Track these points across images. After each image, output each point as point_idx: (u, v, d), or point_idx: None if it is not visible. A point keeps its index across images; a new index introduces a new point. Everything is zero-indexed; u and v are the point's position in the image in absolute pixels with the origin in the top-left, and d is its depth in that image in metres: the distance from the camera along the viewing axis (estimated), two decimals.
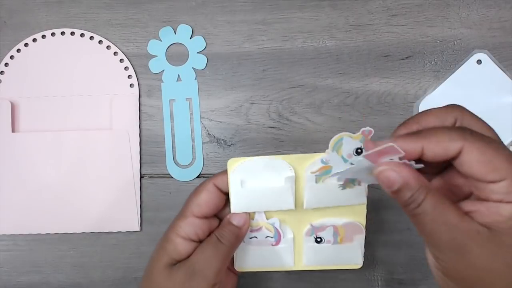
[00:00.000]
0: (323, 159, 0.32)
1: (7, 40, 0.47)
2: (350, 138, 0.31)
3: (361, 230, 0.36)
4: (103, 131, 0.46)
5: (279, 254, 0.36)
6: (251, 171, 0.34)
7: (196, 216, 0.33)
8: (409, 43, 0.46)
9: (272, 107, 0.46)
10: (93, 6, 0.47)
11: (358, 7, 0.46)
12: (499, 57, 0.46)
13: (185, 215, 0.33)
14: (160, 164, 0.46)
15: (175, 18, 0.47)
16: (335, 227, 0.35)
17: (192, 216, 0.33)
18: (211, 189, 0.33)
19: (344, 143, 0.31)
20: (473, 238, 0.24)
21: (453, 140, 0.24)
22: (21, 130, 0.46)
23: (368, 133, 0.31)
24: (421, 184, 0.25)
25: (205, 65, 0.47)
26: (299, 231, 0.36)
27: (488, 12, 0.46)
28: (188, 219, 0.33)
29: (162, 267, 0.32)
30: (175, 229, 0.33)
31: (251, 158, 0.33)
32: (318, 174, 0.33)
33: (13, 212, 0.45)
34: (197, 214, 0.33)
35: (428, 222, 0.25)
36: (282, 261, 0.36)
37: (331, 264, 0.36)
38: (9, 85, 0.46)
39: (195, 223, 0.33)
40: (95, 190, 0.45)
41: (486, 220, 0.24)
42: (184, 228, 0.33)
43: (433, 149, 0.25)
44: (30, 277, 0.46)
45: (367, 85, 0.46)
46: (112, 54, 0.47)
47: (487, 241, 0.24)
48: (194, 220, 0.33)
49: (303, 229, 0.36)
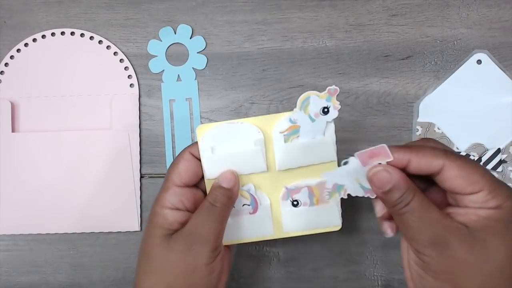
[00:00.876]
0: (291, 118, 0.33)
1: (7, 40, 0.47)
2: (317, 96, 0.33)
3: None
4: (103, 131, 0.46)
5: (258, 223, 0.36)
6: (220, 136, 0.34)
7: (178, 185, 0.33)
8: (409, 43, 0.46)
9: (272, 107, 0.46)
10: (93, 6, 0.47)
11: (358, 7, 0.46)
12: (499, 57, 0.46)
13: (167, 186, 0.33)
14: (160, 164, 0.46)
15: (175, 18, 0.47)
16: (310, 188, 0.35)
17: (174, 186, 0.33)
18: (188, 157, 0.33)
19: (311, 102, 0.33)
20: (454, 234, 0.27)
21: (437, 157, 0.28)
22: (21, 130, 0.46)
23: (334, 91, 0.33)
24: (409, 186, 0.28)
25: (205, 65, 0.47)
26: (275, 197, 0.36)
27: (488, 12, 0.46)
28: (171, 189, 0.33)
29: (158, 240, 0.32)
30: (161, 202, 0.33)
31: (219, 124, 0.34)
32: (286, 134, 0.34)
33: (13, 212, 0.45)
34: (179, 183, 0.33)
35: (415, 219, 0.28)
36: (262, 230, 0.36)
37: (310, 228, 0.36)
38: (9, 85, 0.46)
39: (178, 192, 0.33)
40: (95, 190, 0.45)
41: (463, 220, 0.27)
42: (169, 199, 0.33)
43: (418, 162, 0.28)
44: (30, 277, 0.46)
45: (367, 85, 0.46)
46: (112, 54, 0.47)
47: (465, 236, 0.27)
48: (176, 189, 0.33)
49: (278, 194, 0.36)
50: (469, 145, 0.45)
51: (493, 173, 0.45)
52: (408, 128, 0.46)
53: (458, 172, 0.27)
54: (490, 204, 0.27)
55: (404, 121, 0.46)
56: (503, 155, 0.45)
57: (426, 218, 0.27)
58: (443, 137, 0.45)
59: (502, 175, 0.45)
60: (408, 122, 0.46)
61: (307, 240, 0.45)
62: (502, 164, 0.44)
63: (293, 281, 0.45)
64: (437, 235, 0.27)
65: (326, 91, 0.33)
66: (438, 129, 0.45)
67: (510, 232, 0.27)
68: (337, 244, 0.45)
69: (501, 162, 0.44)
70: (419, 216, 0.27)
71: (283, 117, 0.34)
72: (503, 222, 0.27)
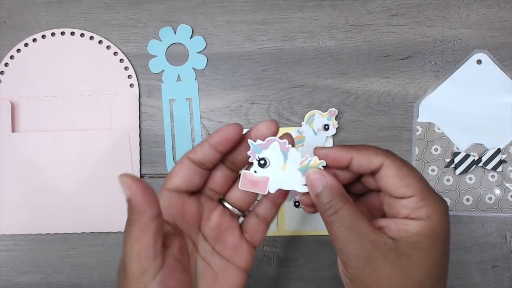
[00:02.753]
0: (298, 129, 0.45)
1: (7, 40, 0.47)
2: (320, 115, 0.45)
3: None
4: (103, 131, 0.46)
5: None
6: None
7: (167, 189, 0.29)
8: (409, 43, 0.46)
9: (272, 107, 0.46)
10: (93, 6, 0.47)
11: (358, 7, 0.46)
12: (499, 57, 0.46)
13: (159, 192, 0.30)
14: (160, 164, 0.46)
15: (175, 18, 0.47)
16: None
17: (163, 189, 0.30)
18: (184, 161, 0.30)
19: (315, 119, 0.45)
20: (380, 249, 0.27)
21: (378, 155, 0.28)
22: (21, 130, 0.46)
23: (334, 113, 0.45)
24: (341, 193, 0.28)
25: (205, 65, 0.47)
26: None
27: (488, 12, 0.46)
28: (159, 193, 0.29)
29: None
30: None
31: None
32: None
33: (13, 212, 0.45)
34: (168, 187, 0.30)
35: (343, 230, 0.27)
36: None
37: (309, 229, 0.40)
38: (9, 85, 0.46)
39: (165, 196, 0.30)
40: (95, 190, 0.45)
41: (394, 235, 0.27)
42: None
43: (360, 160, 0.28)
44: (30, 277, 0.46)
45: (367, 85, 0.46)
46: (112, 54, 0.47)
47: (391, 252, 0.27)
48: (165, 193, 0.30)
49: None
50: (469, 145, 0.45)
51: (493, 173, 0.45)
52: (408, 128, 0.46)
53: (395, 171, 0.28)
54: (419, 213, 0.27)
55: (404, 121, 0.46)
56: (503, 155, 0.45)
57: (354, 230, 0.27)
58: (443, 137, 0.45)
59: (502, 175, 0.45)
60: (408, 122, 0.46)
61: (307, 240, 0.45)
62: (502, 164, 0.44)
63: (293, 281, 0.45)
64: (363, 249, 0.27)
65: (327, 111, 0.45)
66: (438, 129, 0.45)
67: (435, 248, 0.27)
68: None
69: (501, 162, 0.44)
70: (348, 227, 0.27)
71: (294, 130, 0.45)
72: (431, 238, 0.27)
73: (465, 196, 0.45)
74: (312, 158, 0.29)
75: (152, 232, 0.26)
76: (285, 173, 0.29)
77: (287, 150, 0.28)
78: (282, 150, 0.28)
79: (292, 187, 0.29)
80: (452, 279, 0.45)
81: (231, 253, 0.30)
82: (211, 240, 0.30)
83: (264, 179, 0.29)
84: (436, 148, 0.45)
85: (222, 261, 0.30)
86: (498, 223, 0.45)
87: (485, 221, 0.45)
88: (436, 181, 0.45)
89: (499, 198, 0.45)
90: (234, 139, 0.28)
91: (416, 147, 0.45)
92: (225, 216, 0.31)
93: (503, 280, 0.45)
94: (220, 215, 0.30)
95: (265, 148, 0.28)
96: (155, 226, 0.26)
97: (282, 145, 0.28)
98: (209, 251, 0.30)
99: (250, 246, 0.31)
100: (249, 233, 0.31)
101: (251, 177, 0.29)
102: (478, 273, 0.45)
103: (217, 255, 0.30)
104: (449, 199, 0.45)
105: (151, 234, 0.26)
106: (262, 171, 0.29)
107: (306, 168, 0.29)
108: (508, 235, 0.45)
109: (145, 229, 0.26)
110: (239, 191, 0.30)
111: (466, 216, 0.45)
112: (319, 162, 0.28)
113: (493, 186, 0.45)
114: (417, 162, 0.45)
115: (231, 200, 0.31)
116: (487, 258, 0.45)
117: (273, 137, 0.28)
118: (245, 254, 0.31)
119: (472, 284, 0.45)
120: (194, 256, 0.30)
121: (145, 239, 0.26)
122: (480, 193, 0.45)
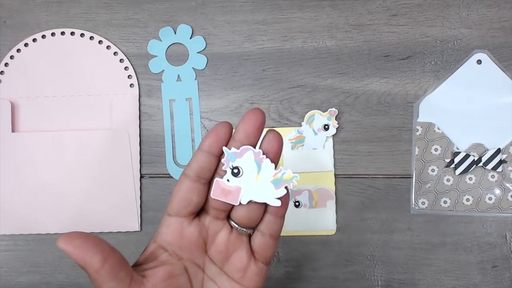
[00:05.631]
0: (298, 129, 0.45)
1: (7, 40, 0.47)
2: (320, 115, 0.45)
3: (331, 196, 0.44)
4: (103, 131, 0.46)
5: None
6: None
7: (169, 214, 0.30)
8: (409, 43, 0.46)
9: (272, 107, 0.46)
10: (93, 6, 0.47)
11: (358, 7, 0.46)
12: (499, 57, 0.46)
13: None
14: (160, 164, 0.46)
15: (175, 18, 0.47)
16: (310, 191, 0.43)
17: (166, 214, 0.30)
18: (181, 181, 0.30)
19: (315, 119, 0.45)
20: None
21: None
22: (21, 130, 0.46)
23: (334, 113, 0.45)
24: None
25: (205, 65, 0.47)
26: None
27: (488, 12, 0.46)
28: (163, 219, 0.30)
29: None
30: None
31: None
32: (294, 141, 0.45)
33: (13, 212, 0.45)
34: (169, 212, 0.30)
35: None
36: None
37: (309, 229, 0.43)
38: (9, 85, 0.46)
39: (167, 222, 0.30)
40: (95, 190, 0.45)
41: None
42: (159, 230, 0.31)
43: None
44: (30, 277, 0.46)
45: (367, 85, 0.46)
46: (112, 54, 0.47)
47: None
48: (167, 218, 0.30)
49: None
50: (469, 145, 0.45)
51: (493, 173, 0.45)
52: (408, 128, 0.46)
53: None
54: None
55: (404, 121, 0.46)
56: (503, 155, 0.45)
57: None
58: (443, 137, 0.45)
59: (502, 175, 0.45)
60: (408, 122, 0.46)
61: (307, 240, 0.45)
62: (502, 164, 0.44)
63: (293, 281, 0.45)
64: None
65: (327, 111, 0.45)
66: (438, 129, 0.45)
67: None
68: (337, 244, 0.45)
69: (501, 162, 0.44)
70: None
71: (293, 129, 0.45)
72: None
73: (465, 196, 0.45)
74: (286, 171, 0.27)
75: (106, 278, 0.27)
76: (258, 184, 0.27)
77: (261, 161, 0.27)
78: (256, 160, 0.27)
79: (264, 199, 0.27)
80: (452, 279, 0.45)
81: (240, 275, 0.29)
82: (218, 263, 0.29)
83: (236, 189, 0.27)
84: (436, 148, 0.45)
85: (231, 283, 0.29)
86: (498, 223, 0.45)
87: (485, 221, 0.45)
88: (436, 181, 0.45)
89: (499, 198, 0.45)
90: (226, 138, 0.28)
91: (416, 147, 0.45)
92: (233, 235, 0.29)
93: (503, 280, 0.45)
94: (227, 235, 0.29)
95: (239, 156, 0.27)
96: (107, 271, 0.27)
97: (256, 155, 0.27)
98: (217, 272, 0.30)
99: (261, 267, 0.30)
100: (258, 252, 0.30)
101: (223, 186, 0.27)
102: (478, 273, 0.45)
103: (226, 276, 0.29)
104: (449, 199, 0.45)
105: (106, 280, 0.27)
106: (235, 180, 0.27)
107: (280, 181, 0.27)
108: (508, 235, 0.45)
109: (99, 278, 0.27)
110: (244, 206, 0.28)
111: (466, 216, 0.45)
112: (293, 176, 0.27)
113: (493, 186, 0.45)
114: (417, 162, 0.45)
115: (237, 217, 0.29)
116: (487, 258, 0.45)
117: (248, 146, 0.27)
118: (255, 277, 0.30)
119: (472, 284, 0.45)
120: (198, 278, 0.29)
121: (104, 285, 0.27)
122: (480, 193, 0.45)
